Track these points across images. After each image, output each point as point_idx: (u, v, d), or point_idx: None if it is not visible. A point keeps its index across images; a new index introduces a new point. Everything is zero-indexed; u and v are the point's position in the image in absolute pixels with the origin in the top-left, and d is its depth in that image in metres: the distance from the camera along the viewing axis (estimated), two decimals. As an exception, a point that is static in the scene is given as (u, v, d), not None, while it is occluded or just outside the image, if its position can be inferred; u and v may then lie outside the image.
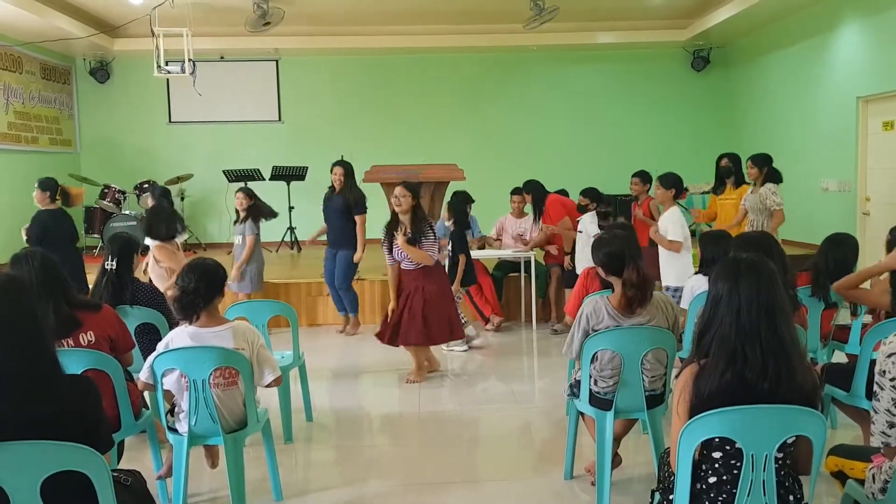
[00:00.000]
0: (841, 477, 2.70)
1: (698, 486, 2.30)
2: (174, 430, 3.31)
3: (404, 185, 5.39)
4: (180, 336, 3.25)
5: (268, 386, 3.32)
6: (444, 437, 4.55)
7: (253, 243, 6.96)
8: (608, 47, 11.75)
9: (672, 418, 2.35)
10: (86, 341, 3.25)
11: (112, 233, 6.85)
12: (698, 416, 2.20)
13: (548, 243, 7.37)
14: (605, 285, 4.13)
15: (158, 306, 4.16)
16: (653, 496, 2.64)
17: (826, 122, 8.94)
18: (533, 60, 11.83)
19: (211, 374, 3.15)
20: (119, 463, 3.32)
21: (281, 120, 11.89)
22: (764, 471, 2.21)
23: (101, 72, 11.50)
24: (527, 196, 7.52)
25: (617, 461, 3.67)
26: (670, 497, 2.36)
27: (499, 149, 11.76)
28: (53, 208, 6.40)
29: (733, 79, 11.64)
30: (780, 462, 2.26)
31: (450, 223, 6.78)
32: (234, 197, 7.21)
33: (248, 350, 3.24)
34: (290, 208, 10.45)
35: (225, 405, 3.25)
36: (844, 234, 4.40)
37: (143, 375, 3.23)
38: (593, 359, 3.38)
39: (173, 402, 3.35)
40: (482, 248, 7.66)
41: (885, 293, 3.85)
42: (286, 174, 10.54)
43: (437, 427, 4.72)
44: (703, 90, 11.96)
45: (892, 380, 2.39)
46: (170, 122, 11.78)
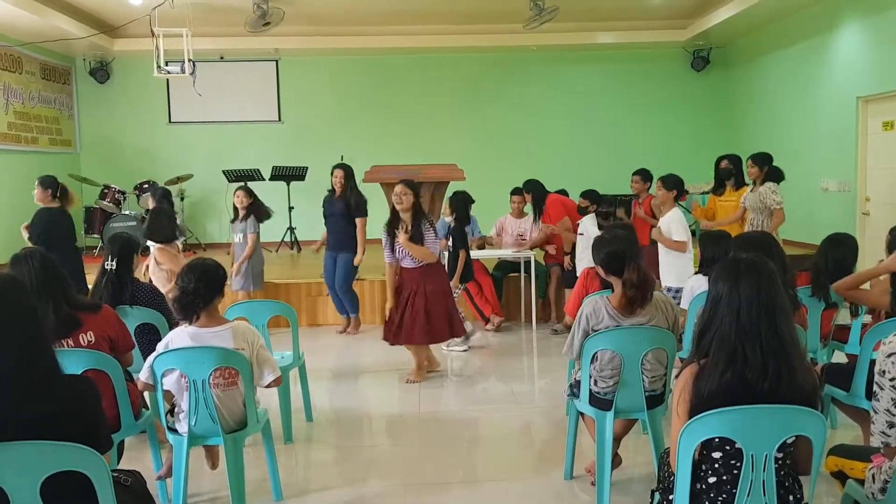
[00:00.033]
0: (841, 477, 2.70)
1: (698, 486, 2.30)
2: (174, 431, 3.31)
3: (405, 183, 5.39)
4: (180, 336, 3.25)
5: (267, 386, 3.32)
6: (444, 437, 4.55)
7: (255, 241, 6.99)
8: (608, 47, 11.75)
9: (672, 418, 2.35)
10: (85, 341, 3.25)
11: (112, 233, 6.84)
12: (698, 416, 2.20)
13: (546, 243, 7.37)
14: (605, 285, 4.13)
15: (158, 306, 4.16)
16: (653, 496, 2.64)
17: (826, 122, 8.94)
18: (533, 60, 11.83)
19: (211, 375, 3.16)
20: (119, 463, 3.32)
21: (281, 120, 11.89)
22: (764, 471, 2.21)
23: (101, 72, 11.50)
24: (527, 196, 7.52)
25: (617, 461, 3.67)
26: (670, 497, 2.36)
27: (499, 149, 11.76)
28: (54, 206, 6.39)
29: (733, 79, 11.64)
30: (779, 462, 2.26)
31: (450, 219, 6.78)
32: (233, 196, 7.21)
33: (247, 350, 3.24)
34: (290, 208, 10.46)
35: (225, 405, 3.25)
36: (844, 234, 4.40)
37: (143, 376, 3.23)
38: (593, 359, 3.38)
39: (173, 402, 3.35)
40: (482, 248, 7.66)
41: (885, 293, 3.86)
42: (286, 174, 10.54)
43: (437, 427, 4.72)
44: (703, 90, 11.96)
45: (892, 380, 2.39)
46: (170, 122, 11.78)
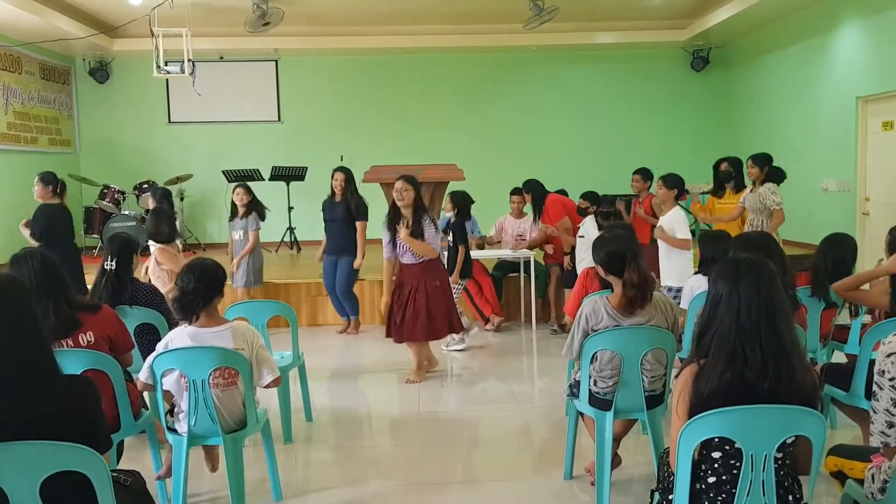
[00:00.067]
0: (840, 477, 2.70)
1: (698, 486, 2.30)
2: (173, 431, 3.31)
3: (406, 179, 5.35)
4: (180, 336, 3.25)
5: (266, 386, 3.32)
6: (444, 437, 4.55)
7: (256, 237, 7.02)
8: (608, 47, 11.75)
9: (672, 418, 2.35)
10: (85, 341, 3.25)
11: (111, 233, 6.85)
12: (698, 416, 2.20)
13: (545, 243, 7.37)
14: (604, 285, 4.12)
15: (158, 306, 4.16)
16: (652, 496, 2.64)
17: (826, 122, 8.94)
18: (533, 60, 11.83)
19: (210, 375, 3.15)
20: (118, 463, 3.32)
21: (280, 120, 11.89)
22: (763, 471, 2.21)
23: (101, 72, 11.50)
24: (526, 196, 7.52)
25: (617, 461, 3.67)
26: (670, 497, 2.36)
27: (499, 149, 11.76)
28: (55, 203, 6.39)
29: (733, 79, 11.64)
30: (779, 462, 2.26)
31: (451, 214, 6.78)
32: (232, 193, 7.23)
33: (247, 350, 3.24)
34: (290, 208, 10.46)
35: (224, 405, 3.25)
36: (843, 234, 4.40)
37: (143, 376, 3.23)
38: (593, 359, 3.37)
39: (173, 402, 3.35)
40: (481, 248, 7.66)
41: (885, 294, 3.86)
42: (286, 174, 10.54)
43: (437, 427, 4.72)
44: (703, 90, 11.96)
45: (892, 380, 2.39)
46: (169, 122, 11.78)
